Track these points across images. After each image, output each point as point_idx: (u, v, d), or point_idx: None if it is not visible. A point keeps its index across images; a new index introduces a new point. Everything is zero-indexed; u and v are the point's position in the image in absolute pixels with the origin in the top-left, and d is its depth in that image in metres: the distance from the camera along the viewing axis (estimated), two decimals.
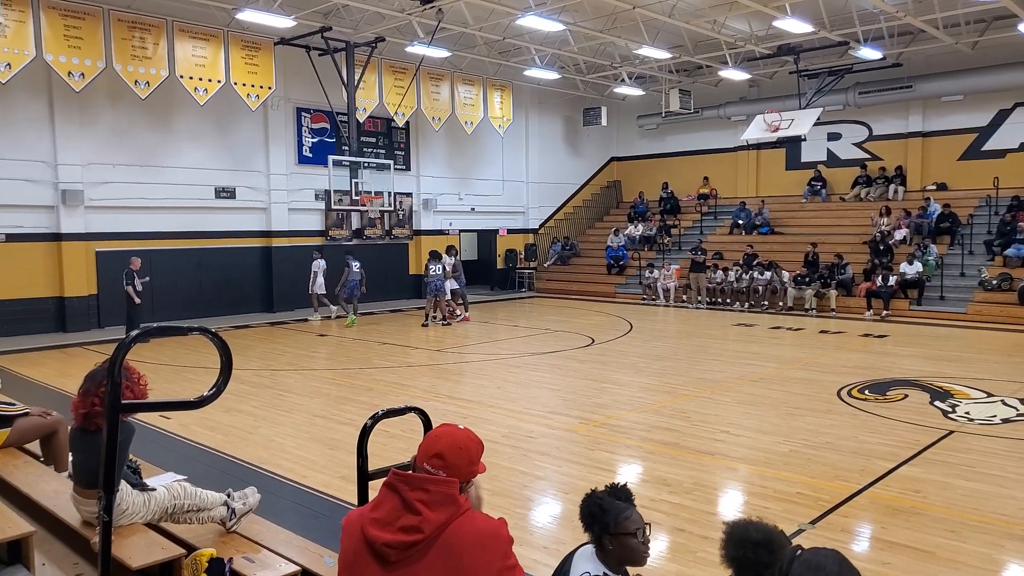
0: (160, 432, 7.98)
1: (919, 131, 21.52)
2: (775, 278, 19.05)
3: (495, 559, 2.20)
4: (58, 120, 15.41)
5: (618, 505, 2.63)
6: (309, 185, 19.43)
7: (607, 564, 2.58)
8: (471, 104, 21.54)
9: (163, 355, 12.67)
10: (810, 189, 23.06)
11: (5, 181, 14.83)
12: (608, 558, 2.59)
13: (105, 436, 2.16)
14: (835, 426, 8.18)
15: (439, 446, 2.27)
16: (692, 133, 25.78)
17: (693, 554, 4.98)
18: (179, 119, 17.15)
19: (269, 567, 3.63)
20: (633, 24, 17.28)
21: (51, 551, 4.03)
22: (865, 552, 5.13)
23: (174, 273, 17.17)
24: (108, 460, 2.18)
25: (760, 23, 18.13)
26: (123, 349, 2.11)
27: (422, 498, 2.17)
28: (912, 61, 20.40)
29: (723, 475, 6.88)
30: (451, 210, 23.10)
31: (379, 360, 12.71)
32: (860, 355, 12.87)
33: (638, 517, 2.62)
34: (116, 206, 16.24)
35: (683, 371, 11.55)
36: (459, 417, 8.57)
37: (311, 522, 5.50)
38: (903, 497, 6.04)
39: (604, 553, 2.60)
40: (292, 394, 10.13)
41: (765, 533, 2.29)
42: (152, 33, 15.20)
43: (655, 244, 24.05)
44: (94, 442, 3.81)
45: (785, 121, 19.22)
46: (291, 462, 7.12)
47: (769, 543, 2.24)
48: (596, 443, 7.75)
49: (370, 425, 3.00)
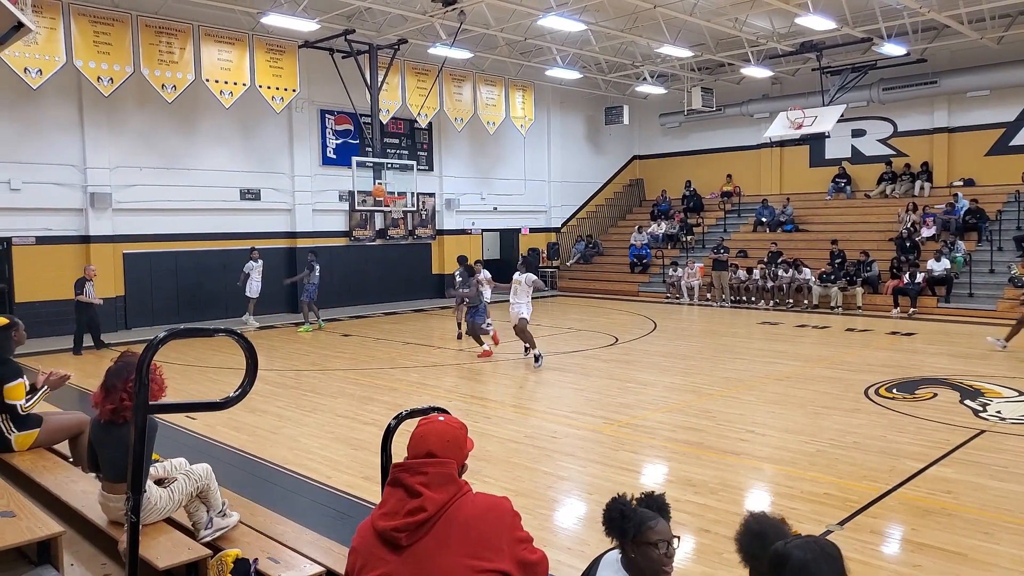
0: (186, 432, 8.08)
1: (945, 127, 21.21)
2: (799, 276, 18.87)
3: (504, 530, 2.25)
4: (87, 124, 15.67)
5: (644, 514, 2.55)
6: (333, 186, 19.57)
7: (631, 572, 2.52)
8: (493, 104, 21.57)
9: (189, 356, 12.81)
10: (834, 186, 22.81)
11: (36, 185, 15.12)
12: (632, 567, 2.53)
13: (133, 437, 2.18)
14: (863, 425, 8.07)
15: (428, 445, 2.31)
16: (715, 131, 25.60)
17: (719, 555, 4.93)
18: (205, 122, 17.35)
19: (294, 567, 3.65)
20: (654, 23, 17.19)
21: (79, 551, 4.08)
22: (896, 554, 5.05)
23: (200, 274, 17.37)
24: (136, 461, 2.20)
25: (782, 20, 17.97)
26: (151, 350, 2.13)
27: (422, 481, 2.23)
28: (937, 56, 20.10)
29: (749, 475, 6.82)
30: (473, 210, 23.15)
31: (402, 360, 12.76)
32: (887, 353, 12.70)
33: (664, 529, 2.53)
34: (143, 208, 16.47)
35: (708, 370, 11.47)
36: (482, 417, 8.58)
37: (335, 522, 5.53)
38: (934, 498, 5.94)
39: (628, 561, 2.54)
40: (316, 394, 10.20)
41: (763, 525, 2.27)
42: (179, 38, 15.40)
43: (678, 242, 23.92)
44: (121, 436, 3.93)
45: (808, 118, 19.02)
46: (315, 462, 7.17)
47: (762, 535, 2.22)
48: (620, 443, 7.72)
49: (394, 425, 3.01)
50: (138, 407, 2.17)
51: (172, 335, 2.22)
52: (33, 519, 3.83)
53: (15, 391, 5.13)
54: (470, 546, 2.17)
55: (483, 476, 6.44)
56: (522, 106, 22.40)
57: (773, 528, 2.26)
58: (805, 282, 18.86)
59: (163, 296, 16.88)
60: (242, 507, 4.61)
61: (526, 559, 2.27)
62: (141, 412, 2.16)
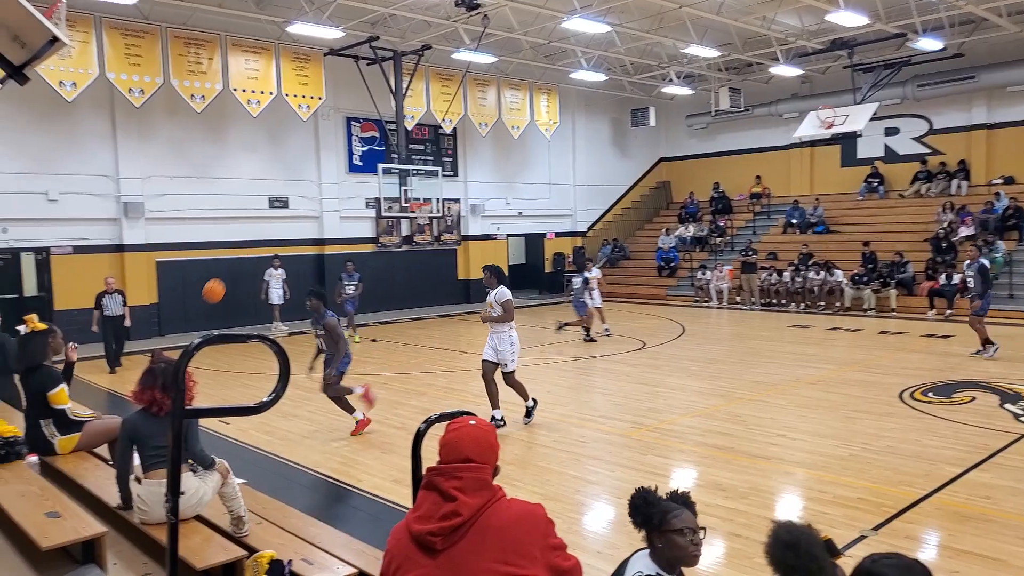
0: (219, 437, 8.18)
1: (983, 123, 20.77)
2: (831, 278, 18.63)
3: (538, 536, 2.25)
4: (119, 135, 15.98)
5: (669, 504, 2.62)
6: (360, 193, 19.74)
7: (660, 564, 2.57)
8: (517, 108, 21.61)
9: (222, 362, 12.98)
10: (867, 186, 22.49)
11: (72, 196, 15.45)
12: (660, 558, 2.58)
13: (171, 440, 2.22)
14: (897, 429, 7.95)
15: (465, 450, 2.31)
16: (743, 131, 25.38)
17: (749, 559, 4.89)
18: (233, 131, 17.60)
19: (327, 569, 3.70)
20: (680, 23, 17.10)
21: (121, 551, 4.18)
22: (932, 560, 4.96)
23: (230, 282, 17.39)
24: (174, 465, 2.24)
25: (812, 17, 17.75)
26: (187, 356, 2.17)
27: (457, 485, 2.24)
28: (974, 51, 19.66)
29: (779, 480, 6.74)
30: (498, 215, 23.19)
31: (430, 364, 12.81)
32: (923, 356, 12.50)
33: (689, 518, 2.59)
34: (174, 217, 16.75)
35: (737, 374, 11.36)
36: (510, 421, 8.58)
37: (367, 525, 5.57)
38: (972, 503, 5.83)
39: (656, 552, 2.59)
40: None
41: (795, 535, 2.25)
42: (207, 48, 15.65)
43: (707, 245, 23.74)
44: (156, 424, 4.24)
45: (839, 117, 18.75)
46: (346, 466, 7.23)
47: (796, 545, 2.20)
48: (649, 448, 7.68)
49: (423, 429, 3.03)
50: (175, 412, 2.21)
51: (206, 341, 2.25)
52: (78, 519, 3.94)
53: (59, 396, 5.29)
54: (504, 552, 2.18)
55: (512, 480, 6.44)
56: (547, 109, 22.41)
57: (805, 536, 2.24)
58: (837, 284, 18.62)
59: (195, 303, 17.06)
60: (275, 510, 4.67)
61: (559, 566, 2.27)
62: (178, 417, 2.21)
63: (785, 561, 2.20)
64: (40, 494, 4.31)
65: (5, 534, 4.22)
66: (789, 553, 2.20)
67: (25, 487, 4.45)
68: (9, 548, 4.08)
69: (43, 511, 4.00)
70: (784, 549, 2.22)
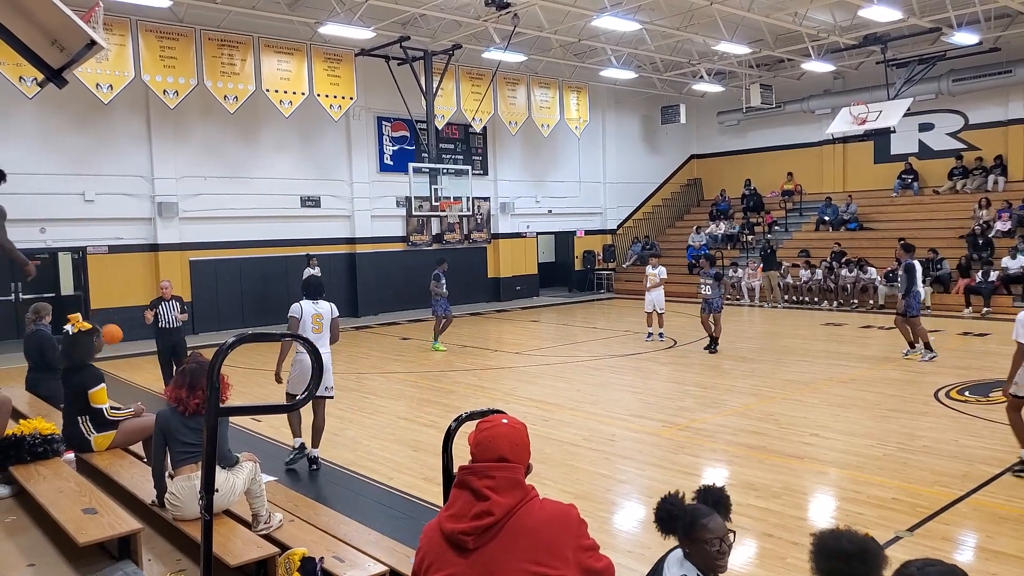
0: (251, 434, 8.29)
1: (1021, 118, 20.30)
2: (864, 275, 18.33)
3: (570, 538, 2.25)
4: (154, 136, 16.25)
5: (697, 511, 2.58)
6: (390, 192, 19.84)
7: (697, 565, 2.55)
8: (547, 107, 21.57)
9: (255, 360, 13.14)
10: (901, 183, 22.09)
11: (109, 196, 15.74)
12: (695, 560, 2.57)
13: (205, 439, 2.26)
14: (933, 429, 7.81)
15: (499, 449, 2.31)
16: (774, 128, 25.08)
17: (782, 560, 4.84)
18: (265, 131, 17.80)
19: (358, 566, 3.73)
20: (711, 20, 16.95)
21: (156, 547, 4.25)
22: (969, 562, 4.87)
23: (263, 281, 17.81)
24: (208, 462, 2.28)
25: (844, 13, 17.48)
26: (222, 355, 2.20)
27: (489, 484, 2.24)
28: (1011, 45, 19.22)
29: (813, 479, 6.66)
30: (528, 213, 23.18)
31: (460, 363, 12.85)
32: (959, 354, 12.26)
33: (717, 526, 2.54)
34: (208, 217, 16.98)
35: (769, 373, 11.24)
36: (540, 420, 8.59)
37: (397, 523, 5.60)
38: (1010, 504, 5.71)
39: (688, 555, 2.58)
40: (376, 397, 10.36)
41: (859, 544, 2.20)
42: (240, 50, 15.86)
43: (738, 243, 23.50)
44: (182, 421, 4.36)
45: (873, 113, 18.43)
46: (376, 463, 7.28)
47: (864, 555, 2.16)
48: (680, 447, 7.63)
49: (454, 427, 3.03)
50: (210, 410, 2.24)
51: (240, 340, 2.28)
52: (114, 516, 4.01)
53: (99, 395, 5.41)
54: (536, 552, 2.18)
55: (542, 479, 6.43)
56: (576, 108, 22.34)
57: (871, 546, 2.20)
58: (870, 282, 18.34)
59: (229, 302, 17.37)
60: (307, 508, 4.72)
61: (592, 567, 2.27)
62: (212, 415, 2.24)
63: (852, 572, 2.14)
64: (77, 490, 4.39)
65: (44, 530, 4.30)
66: (856, 563, 2.15)
67: (63, 483, 4.54)
68: (47, 544, 4.16)
69: (80, 507, 4.07)
70: (848, 560, 2.15)
